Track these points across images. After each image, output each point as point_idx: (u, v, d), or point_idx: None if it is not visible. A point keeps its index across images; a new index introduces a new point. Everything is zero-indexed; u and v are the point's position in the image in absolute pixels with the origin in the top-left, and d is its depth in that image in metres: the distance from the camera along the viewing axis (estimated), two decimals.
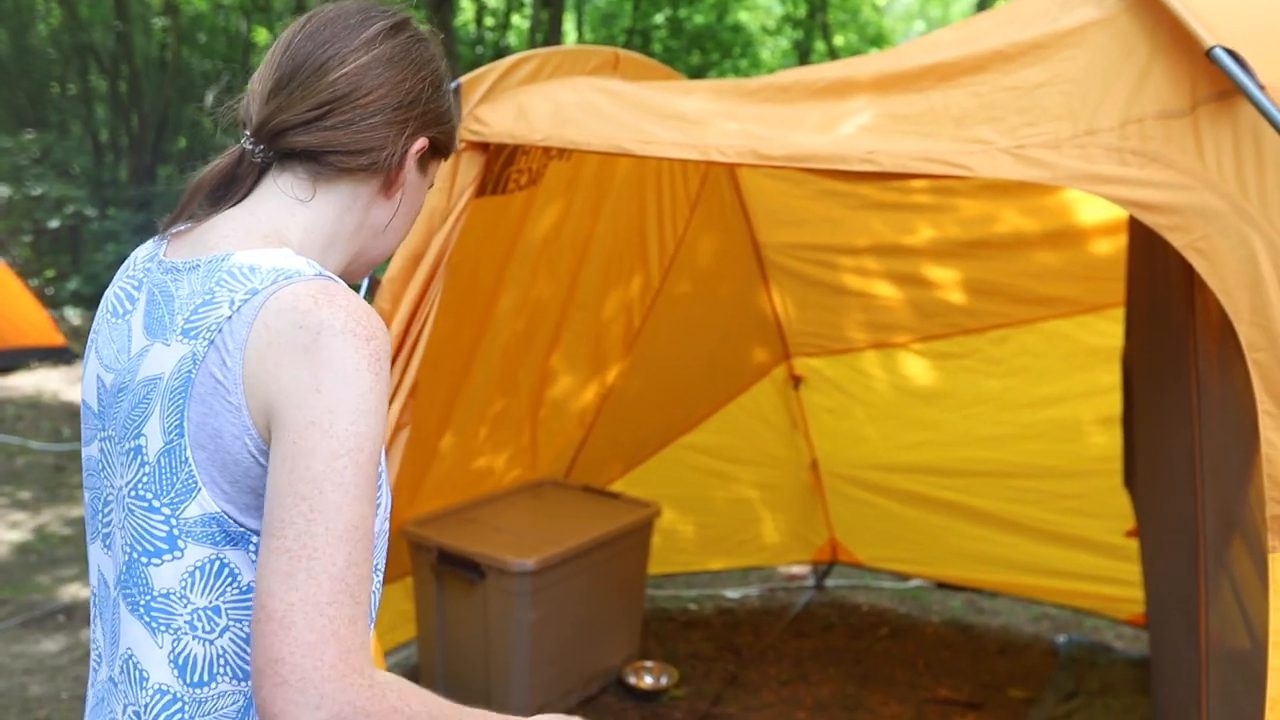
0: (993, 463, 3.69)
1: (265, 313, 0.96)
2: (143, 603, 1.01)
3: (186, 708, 1.00)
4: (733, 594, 4.24)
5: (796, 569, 4.39)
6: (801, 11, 14.18)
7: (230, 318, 0.97)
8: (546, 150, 2.72)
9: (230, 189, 1.10)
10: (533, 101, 2.31)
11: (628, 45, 14.41)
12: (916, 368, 3.68)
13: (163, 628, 1.00)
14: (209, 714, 1.01)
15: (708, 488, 3.99)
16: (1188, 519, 1.88)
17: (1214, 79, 1.44)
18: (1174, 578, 2.19)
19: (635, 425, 3.79)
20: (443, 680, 3.25)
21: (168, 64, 11.77)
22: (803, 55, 14.34)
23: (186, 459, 0.97)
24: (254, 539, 0.99)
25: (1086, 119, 1.53)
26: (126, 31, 11.67)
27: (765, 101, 2.18)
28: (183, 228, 1.10)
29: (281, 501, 0.90)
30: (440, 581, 3.16)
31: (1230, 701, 1.63)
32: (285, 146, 1.08)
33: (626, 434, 3.78)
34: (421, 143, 1.13)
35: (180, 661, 1.00)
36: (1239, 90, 1.37)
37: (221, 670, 1.00)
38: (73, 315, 10.07)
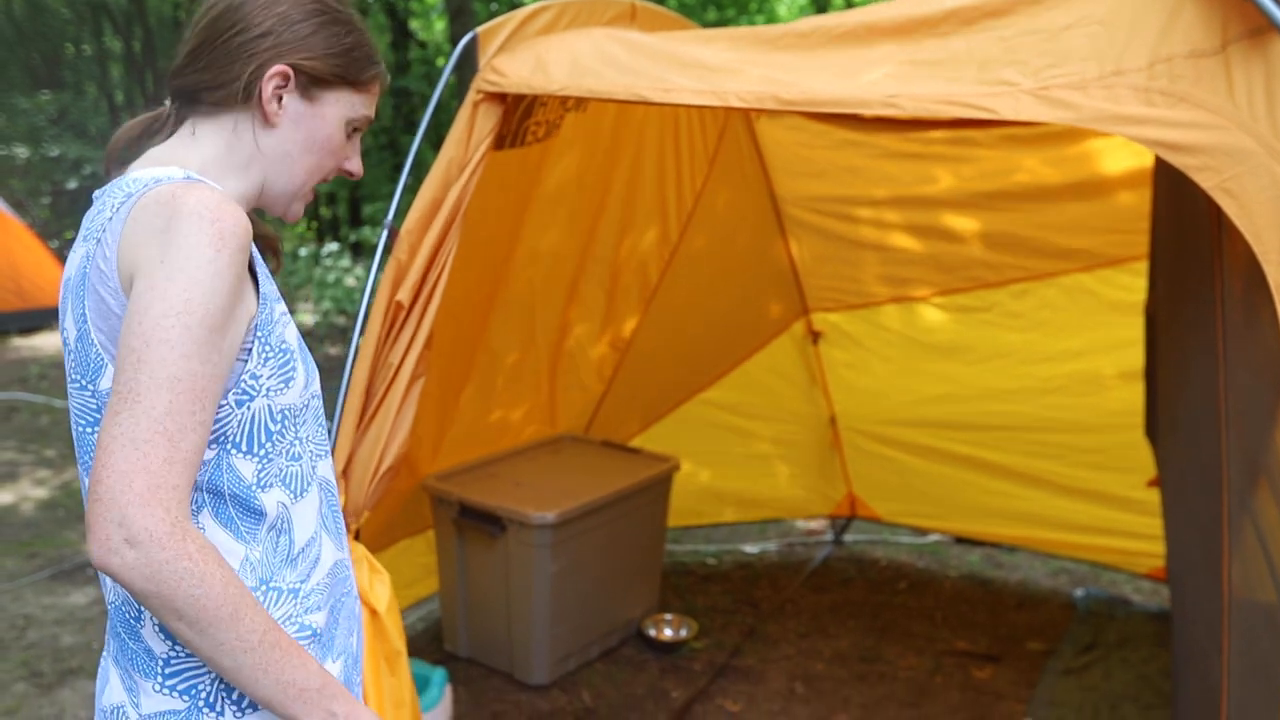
0: (1012, 416, 3.68)
1: (136, 208, 1.10)
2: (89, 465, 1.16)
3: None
4: (751, 549, 4.26)
5: (815, 524, 4.41)
6: None
7: (110, 218, 1.12)
8: (563, 102, 2.70)
9: (150, 139, 1.25)
10: (550, 52, 2.29)
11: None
12: (936, 321, 3.66)
13: None
14: None
15: (727, 443, 3.99)
16: (1211, 466, 1.87)
17: (1246, 16, 1.41)
18: (1196, 526, 2.18)
19: (654, 381, 3.79)
20: (465, 633, 3.29)
21: (181, 22, 11.71)
22: (820, 10, 14.13)
23: (92, 340, 1.12)
24: None
25: (1113, 60, 1.50)
26: None
27: (786, 49, 2.16)
28: (117, 174, 1.24)
29: (119, 354, 1.04)
30: (462, 535, 3.19)
31: (1252, 651, 1.63)
32: (173, 93, 1.25)
33: (645, 389, 3.78)
34: (276, 70, 1.19)
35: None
36: (1273, 27, 1.34)
37: None
38: None
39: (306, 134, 1.24)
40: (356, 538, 2.04)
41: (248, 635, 1.04)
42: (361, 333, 2.07)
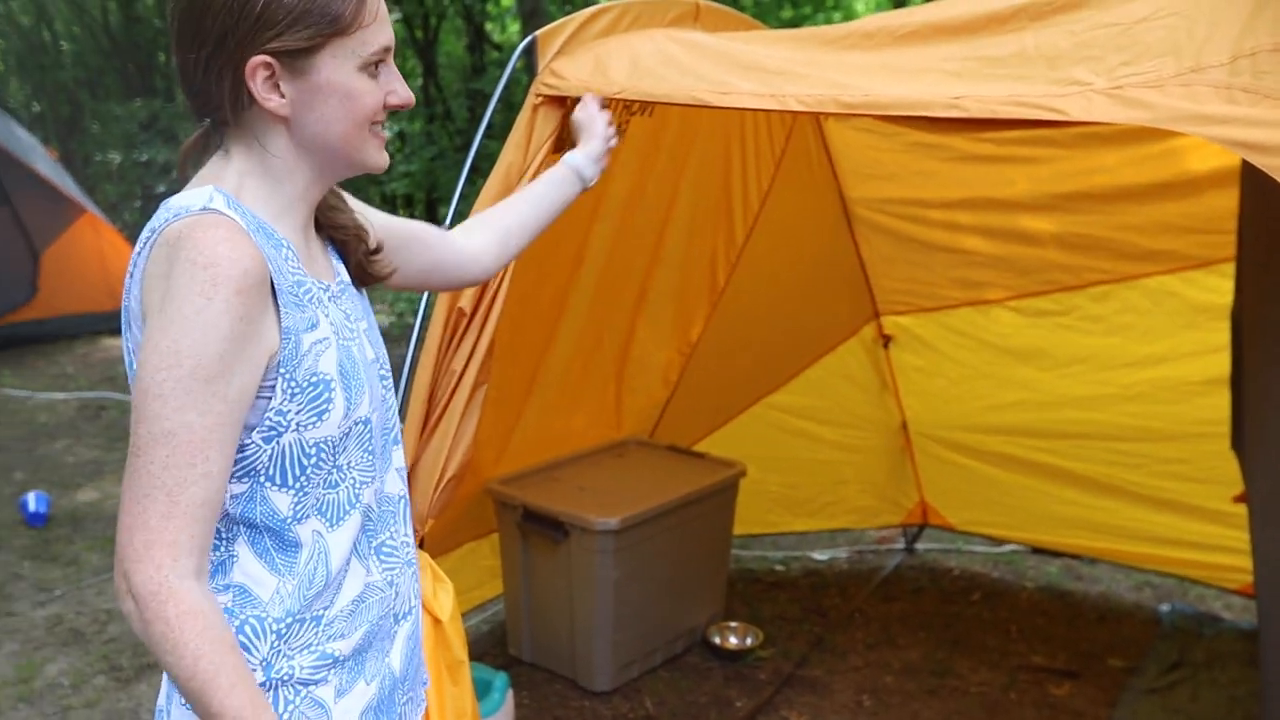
0: (1091, 424, 3.55)
1: (154, 246, 1.10)
2: None
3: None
4: (820, 556, 4.19)
5: (886, 531, 4.32)
6: None
7: (139, 253, 1.12)
8: (628, 106, 2.67)
9: (204, 155, 1.22)
10: (610, 54, 2.27)
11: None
12: (1011, 325, 3.55)
13: None
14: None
15: (795, 448, 3.93)
16: None
17: None
18: None
19: (720, 384, 3.75)
20: (529, 637, 3.29)
21: None
22: (898, 6, 13.90)
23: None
24: None
25: (1192, 55, 1.42)
26: None
27: (849, 49, 2.11)
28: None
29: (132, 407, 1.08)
30: (525, 540, 3.19)
31: None
32: (196, 117, 1.22)
33: (711, 393, 3.74)
34: (253, 66, 1.12)
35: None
36: None
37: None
38: None
39: (324, 107, 1.16)
40: (421, 546, 2.04)
41: (208, 713, 1.06)
42: (418, 341, 2.08)
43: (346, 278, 1.31)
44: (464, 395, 2.02)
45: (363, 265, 1.33)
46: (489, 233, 1.65)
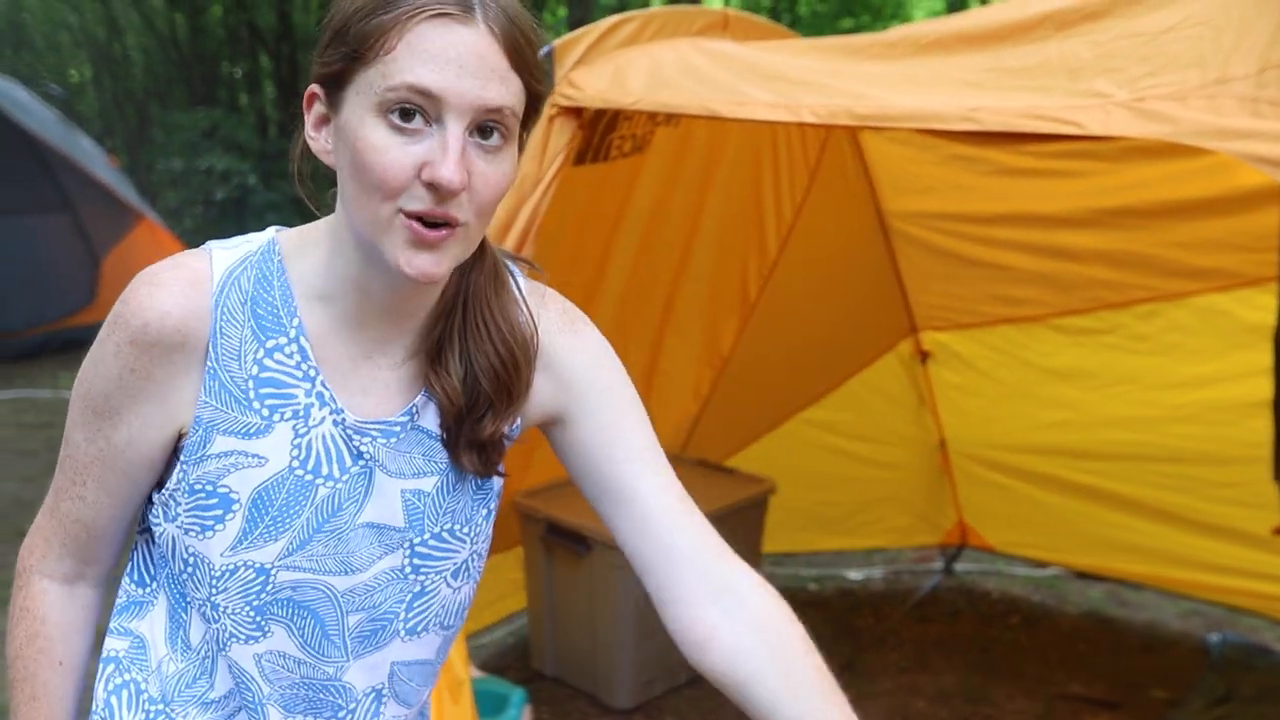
0: (1137, 446, 3.43)
1: None
2: None
3: (120, 591, 1.16)
4: (855, 575, 4.10)
5: (923, 552, 4.21)
6: None
7: None
8: (652, 116, 2.64)
9: None
10: (631, 64, 2.24)
11: (774, 10, 14.10)
12: (1053, 344, 3.45)
13: None
14: (118, 602, 1.14)
15: (829, 465, 3.86)
16: None
17: None
18: None
19: (753, 399, 3.69)
20: (551, 652, 3.26)
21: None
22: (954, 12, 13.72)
23: None
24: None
25: (1218, 66, 1.35)
26: (288, 11, 12.13)
27: (873, 59, 2.05)
28: None
29: None
30: (549, 553, 3.16)
31: None
32: None
33: (744, 408, 3.69)
34: (309, 95, 0.93)
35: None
36: None
37: (133, 567, 1.13)
38: None
39: (344, 159, 0.90)
40: None
41: (11, 703, 1.07)
42: None
43: (431, 425, 1.02)
44: None
45: (455, 443, 1.02)
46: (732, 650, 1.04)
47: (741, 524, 3.33)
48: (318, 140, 0.93)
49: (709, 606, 1.04)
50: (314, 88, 0.92)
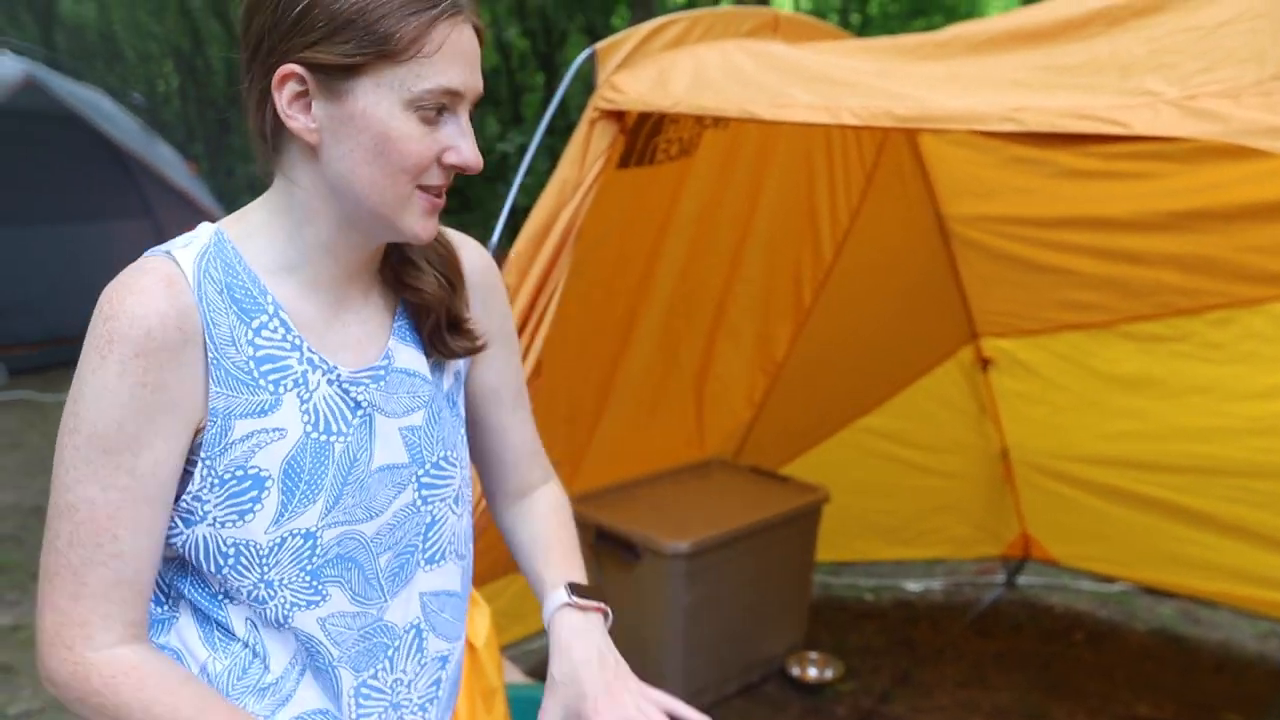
0: (1211, 459, 3.29)
1: None
2: None
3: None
4: (914, 586, 4.01)
5: (985, 564, 4.11)
6: None
7: None
8: (700, 119, 2.61)
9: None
10: (674, 67, 2.21)
11: (843, 11, 13.95)
12: (1121, 351, 3.32)
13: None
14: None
15: (888, 474, 3.78)
16: None
17: None
18: None
19: (809, 406, 3.63)
20: None
21: None
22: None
23: None
24: None
25: (1276, 61, 1.27)
26: None
27: (923, 59, 2.00)
28: None
29: None
30: (598, 560, 3.14)
31: None
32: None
33: (799, 415, 3.63)
34: (281, 74, 0.95)
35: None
36: None
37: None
38: None
39: (353, 143, 0.95)
40: None
41: None
42: None
43: (404, 363, 1.09)
44: None
45: (434, 340, 1.11)
46: (518, 522, 1.34)
47: (794, 532, 3.27)
48: (297, 120, 0.96)
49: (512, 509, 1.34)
50: (294, 68, 0.95)
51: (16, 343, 6.58)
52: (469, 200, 11.46)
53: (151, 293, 0.94)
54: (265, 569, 1.00)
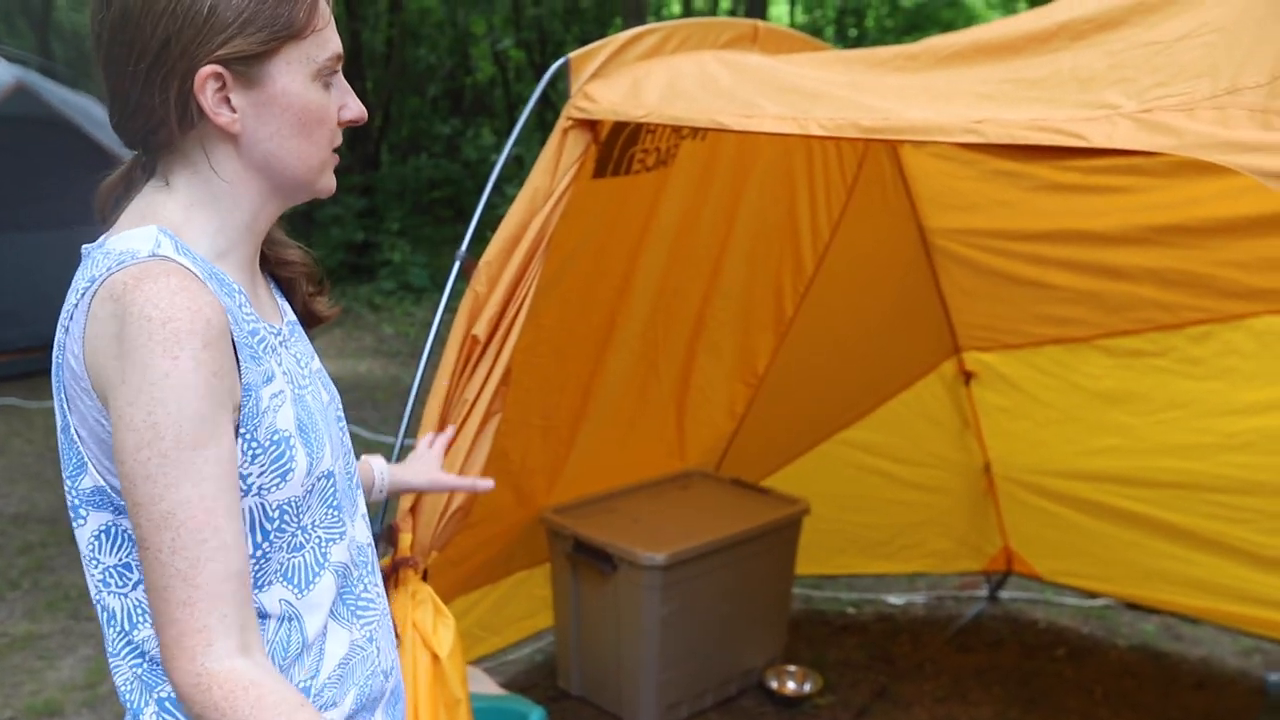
0: (1192, 474, 3.29)
1: (96, 301, 0.98)
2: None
3: (126, 649, 1.08)
4: (895, 599, 4.00)
5: (968, 578, 4.09)
6: None
7: (75, 305, 1.01)
8: (677, 130, 2.61)
9: (132, 192, 1.11)
10: (649, 77, 2.21)
11: (839, 25, 13.99)
12: (1101, 366, 3.31)
13: (91, 584, 1.09)
14: (141, 654, 1.08)
15: (870, 487, 3.77)
16: None
17: None
18: None
19: (791, 418, 3.62)
20: (577, 671, 3.22)
21: (391, 58, 12.39)
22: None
23: (74, 436, 1.03)
24: None
25: (1229, 75, 1.27)
26: (357, 29, 12.36)
27: (894, 71, 2.00)
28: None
29: (121, 485, 0.98)
30: (575, 571, 3.13)
31: None
32: (127, 146, 1.11)
33: (781, 427, 3.62)
34: (203, 76, 1.01)
35: (103, 612, 1.09)
36: None
37: (141, 617, 1.07)
38: None
39: (279, 121, 1.05)
40: (424, 578, 2.00)
41: None
42: (425, 368, 2.04)
43: (293, 317, 1.21)
44: (474, 425, 1.97)
45: (308, 304, 1.23)
46: None
47: (774, 545, 3.26)
48: (224, 115, 1.04)
49: None
50: (214, 68, 1.01)
51: (2, 349, 6.56)
52: (463, 210, 11.47)
53: (192, 290, 0.98)
54: (301, 516, 1.09)
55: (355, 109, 1.12)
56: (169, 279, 0.97)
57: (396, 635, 1.89)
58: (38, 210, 6.73)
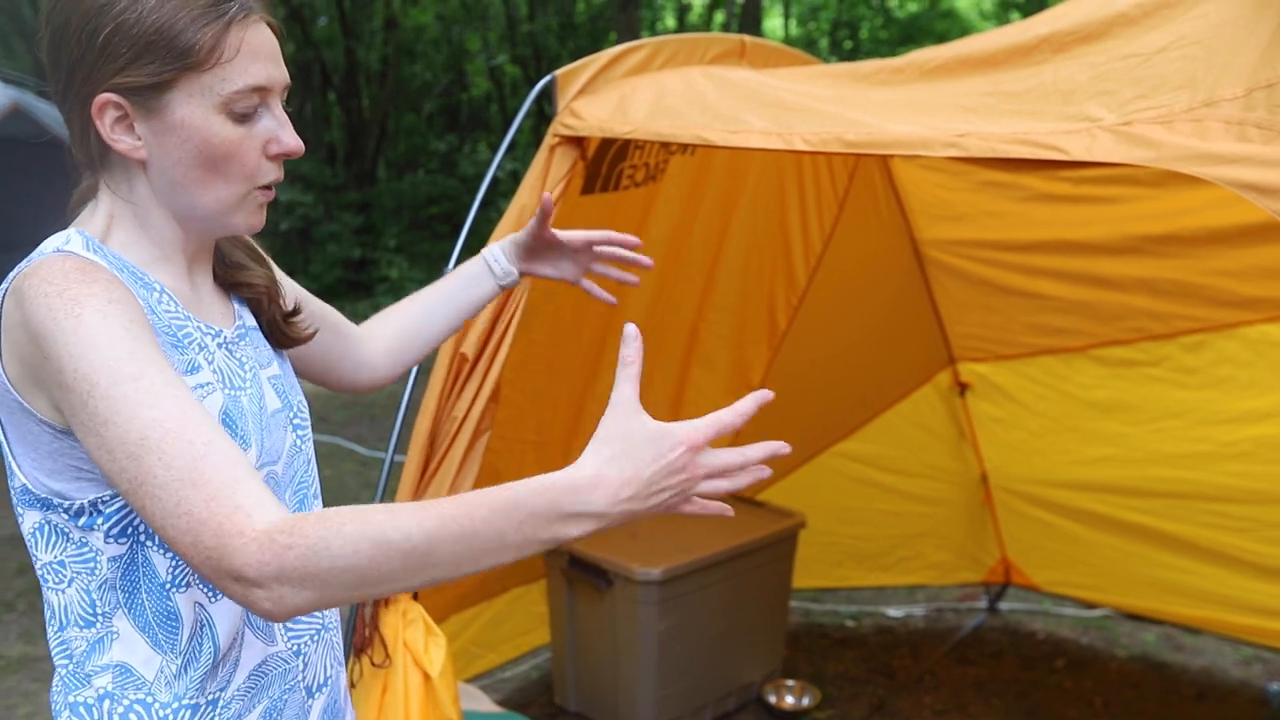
0: (1188, 484, 3.28)
1: (7, 297, 1.00)
2: None
3: (59, 648, 1.09)
4: (895, 612, 3.98)
5: (967, 590, 4.08)
6: None
7: None
8: (666, 145, 2.61)
9: (86, 202, 1.13)
10: (636, 92, 2.21)
11: (833, 38, 14.04)
12: (1094, 376, 3.31)
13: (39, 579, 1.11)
14: (68, 655, 1.08)
15: (866, 499, 3.76)
16: None
17: None
18: None
19: (786, 431, 3.54)
20: (574, 688, 3.21)
21: (388, 75, 12.43)
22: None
23: (3, 438, 1.05)
24: (63, 503, 1.04)
25: (1207, 88, 1.28)
26: (353, 47, 12.41)
27: (878, 85, 2.01)
28: None
29: (93, 456, 0.95)
30: (571, 587, 3.12)
31: None
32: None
33: (775, 439, 3.60)
34: (98, 105, 1.02)
35: (46, 608, 1.10)
36: None
37: (68, 617, 1.07)
38: None
39: (179, 151, 1.04)
40: (415, 597, 1.99)
41: (435, 553, 0.88)
42: (414, 385, 2.04)
43: (251, 322, 1.22)
44: (464, 443, 1.97)
45: (279, 326, 1.23)
46: (388, 339, 1.47)
47: (770, 559, 3.25)
48: (123, 141, 1.04)
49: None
50: (111, 97, 1.02)
51: None
52: (460, 226, 11.47)
53: (88, 268, 0.98)
54: None
55: (289, 143, 1.08)
56: (64, 263, 0.98)
57: (386, 653, 1.89)
58: (33, 230, 6.73)
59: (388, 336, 1.47)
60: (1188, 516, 3.32)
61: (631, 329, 1.02)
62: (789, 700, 3.28)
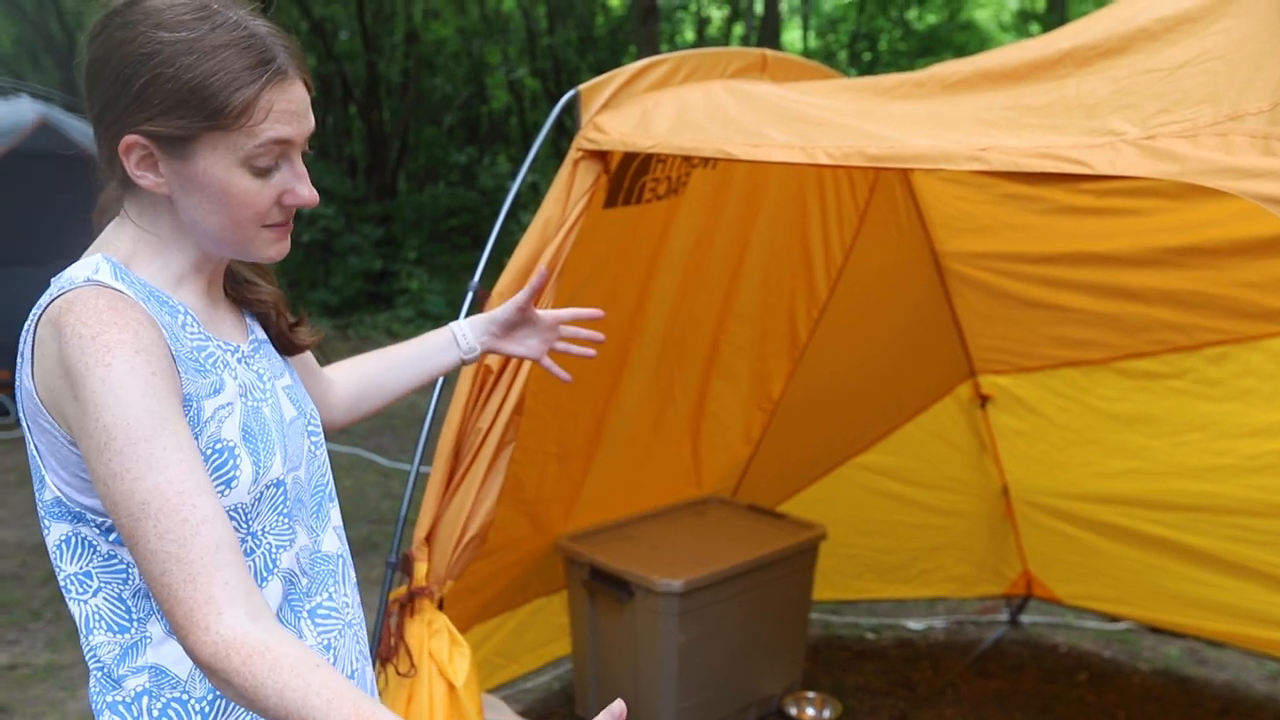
0: (1211, 497, 3.26)
1: (40, 326, 1.06)
2: None
3: (89, 653, 1.15)
4: (915, 624, 3.97)
5: (988, 602, 4.06)
6: (1040, 4, 13.35)
7: (28, 329, 1.08)
8: (688, 159, 2.63)
9: (109, 217, 1.18)
10: (659, 107, 2.23)
11: (852, 50, 14.04)
12: (1116, 388, 3.30)
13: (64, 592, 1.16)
14: (99, 660, 1.14)
15: (887, 511, 3.76)
16: None
17: None
18: None
19: (807, 443, 3.62)
20: (595, 699, 3.21)
21: (408, 88, 12.52)
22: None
23: (34, 451, 1.10)
24: (95, 518, 1.10)
25: (1231, 102, 1.28)
26: (374, 61, 12.50)
27: (901, 98, 2.02)
28: None
29: (99, 496, 1.03)
30: (592, 598, 3.13)
31: None
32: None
33: (796, 451, 3.62)
34: (125, 144, 1.07)
35: (74, 619, 1.15)
36: None
37: (97, 624, 1.13)
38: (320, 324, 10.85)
39: (200, 196, 1.10)
40: (440, 607, 2.01)
41: None
42: (439, 396, 2.06)
43: (262, 335, 1.28)
44: (489, 454, 1.99)
45: (285, 335, 1.31)
46: (350, 387, 1.53)
47: (791, 571, 3.25)
48: (147, 178, 1.09)
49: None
50: (138, 139, 1.07)
51: None
52: (480, 238, 11.53)
53: (119, 307, 1.04)
54: (251, 523, 1.14)
55: (304, 195, 1.14)
56: (98, 300, 1.03)
57: (412, 663, 1.91)
58: (60, 245, 6.82)
59: (350, 385, 1.53)
60: (1211, 530, 3.30)
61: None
62: (809, 712, 3.27)
